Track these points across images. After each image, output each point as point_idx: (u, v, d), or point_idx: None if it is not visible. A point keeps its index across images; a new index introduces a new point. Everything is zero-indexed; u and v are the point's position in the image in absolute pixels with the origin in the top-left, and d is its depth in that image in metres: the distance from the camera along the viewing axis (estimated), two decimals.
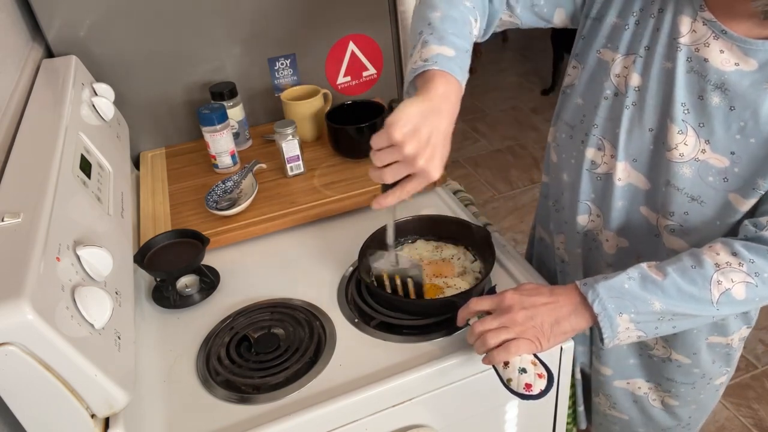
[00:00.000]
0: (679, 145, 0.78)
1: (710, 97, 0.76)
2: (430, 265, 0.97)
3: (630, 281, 0.73)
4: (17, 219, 0.69)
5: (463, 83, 0.75)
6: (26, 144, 0.86)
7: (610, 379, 1.05)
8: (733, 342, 0.94)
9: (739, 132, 0.74)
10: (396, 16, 1.46)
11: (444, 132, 0.71)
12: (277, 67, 1.41)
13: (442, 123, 0.70)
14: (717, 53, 0.75)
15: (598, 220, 0.92)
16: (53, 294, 0.64)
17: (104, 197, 0.93)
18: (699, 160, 0.77)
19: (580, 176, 0.90)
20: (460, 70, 0.75)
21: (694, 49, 0.77)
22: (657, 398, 1.04)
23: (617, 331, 0.73)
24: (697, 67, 0.76)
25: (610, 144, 0.85)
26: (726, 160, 0.76)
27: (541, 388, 0.74)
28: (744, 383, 1.92)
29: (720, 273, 0.72)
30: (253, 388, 0.82)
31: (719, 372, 0.98)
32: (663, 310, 0.72)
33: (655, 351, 0.98)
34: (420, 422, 0.86)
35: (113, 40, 1.25)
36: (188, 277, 0.99)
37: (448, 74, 0.72)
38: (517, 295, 0.77)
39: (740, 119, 0.74)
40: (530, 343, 0.74)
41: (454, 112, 0.73)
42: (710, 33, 0.75)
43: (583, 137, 0.88)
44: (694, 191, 0.79)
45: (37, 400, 0.65)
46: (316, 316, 0.91)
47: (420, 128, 0.68)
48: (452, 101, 0.73)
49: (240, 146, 1.36)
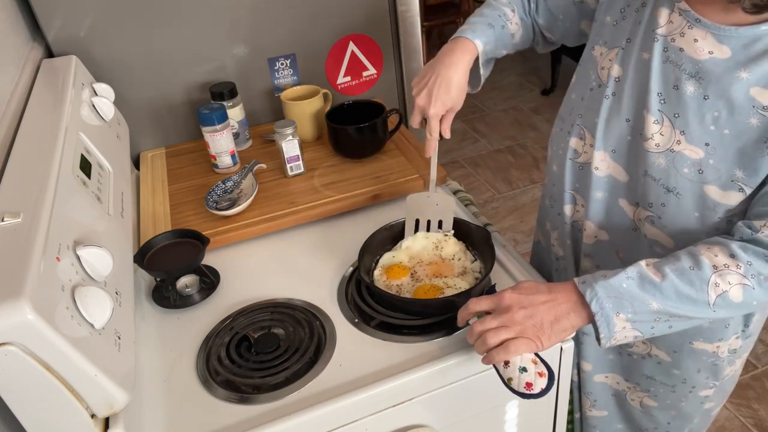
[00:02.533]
0: (655, 135, 0.79)
1: (685, 86, 0.77)
2: (430, 266, 0.97)
3: (628, 281, 0.73)
4: (17, 219, 0.69)
5: (475, 40, 0.94)
6: (26, 144, 0.86)
7: (590, 374, 1.05)
8: (720, 351, 0.92)
9: (714, 123, 0.75)
10: (396, 16, 1.46)
11: (444, 76, 0.92)
12: (277, 67, 1.41)
13: (443, 69, 0.93)
14: (692, 42, 0.76)
15: (582, 210, 0.94)
16: (53, 294, 0.64)
17: (104, 197, 0.93)
18: (674, 150, 0.78)
19: (564, 166, 0.93)
20: (472, 33, 0.94)
21: (671, 39, 0.78)
22: (636, 399, 1.03)
23: (614, 331, 0.73)
24: (673, 57, 0.78)
25: (590, 133, 0.87)
26: (701, 152, 0.76)
27: (542, 386, 0.73)
28: (744, 383, 1.92)
29: (718, 275, 0.71)
30: (253, 388, 0.82)
31: (704, 384, 0.97)
32: (660, 310, 0.72)
33: (635, 348, 0.98)
34: (420, 422, 0.86)
35: (113, 40, 1.25)
36: (188, 277, 0.99)
37: (457, 37, 0.95)
38: (515, 294, 0.77)
39: (714, 109, 0.75)
40: (530, 341, 0.74)
41: (458, 62, 0.93)
42: (685, 22, 0.77)
43: (569, 128, 0.91)
44: (670, 182, 0.79)
45: (37, 400, 0.65)
46: (316, 316, 0.91)
47: (425, 75, 0.95)
48: (456, 52, 0.94)
49: (240, 146, 1.36)
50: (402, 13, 1.46)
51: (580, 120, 0.89)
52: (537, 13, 1.01)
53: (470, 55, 0.94)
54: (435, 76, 0.93)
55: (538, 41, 1.06)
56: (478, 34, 0.95)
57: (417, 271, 0.97)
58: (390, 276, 0.95)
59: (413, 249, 1.00)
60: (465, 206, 1.16)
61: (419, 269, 0.97)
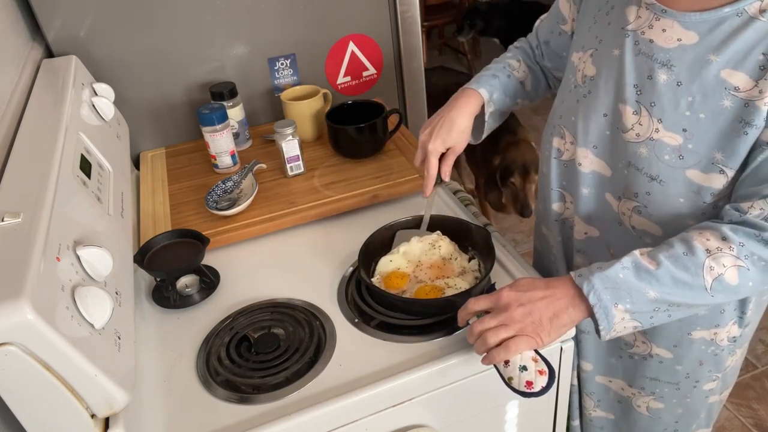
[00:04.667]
0: (634, 126, 0.81)
1: (658, 75, 0.79)
2: (431, 269, 0.97)
3: (624, 271, 0.73)
4: (17, 219, 0.69)
5: (479, 89, 1.00)
6: (26, 144, 0.86)
7: (591, 374, 1.05)
8: (718, 338, 0.92)
9: (689, 108, 0.76)
10: (396, 16, 1.46)
11: (448, 117, 0.99)
12: (277, 67, 1.41)
13: (448, 112, 0.99)
14: (660, 32, 0.78)
15: (572, 207, 0.96)
16: (53, 294, 0.64)
17: (104, 197, 0.93)
18: (653, 139, 0.80)
19: (550, 165, 0.96)
20: (477, 84, 1.01)
21: (640, 32, 0.81)
22: (642, 404, 1.03)
23: (613, 322, 0.73)
24: (644, 49, 0.80)
25: (569, 132, 0.91)
26: (679, 138, 0.78)
27: (542, 384, 0.73)
28: (744, 383, 1.92)
29: (711, 258, 0.72)
30: (253, 388, 0.82)
31: (707, 376, 0.97)
32: (658, 299, 0.72)
33: (636, 349, 0.98)
34: (420, 422, 0.86)
35: (113, 40, 1.25)
36: (188, 277, 0.99)
37: (464, 89, 1.02)
38: (513, 292, 0.77)
39: (688, 94, 0.76)
40: (530, 339, 0.74)
41: (462, 106, 0.99)
42: (653, 15, 0.79)
43: (552, 129, 0.95)
44: (652, 170, 0.80)
45: (37, 400, 0.65)
46: (316, 316, 0.91)
47: (432, 118, 1.01)
48: (461, 99, 1.00)
49: (240, 146, 1.36)
50: (402, 13, 1.46)
51: (559, 120, 0.93)
52: (543, 57, 1.06)
53: (475, 101, 1.00)
54: (440, 118, 0.99)
55: (553, 83, 1.10)
56: (482, 84, 1.01)
57: (418, 275, 0.96)
58: (389, 285, 0.94)
59: (411, 253, 1.00)
60: (465, 206, 1.16)
61: (420, 273, 0.97)
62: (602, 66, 0.86)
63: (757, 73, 0.72)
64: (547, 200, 1.00)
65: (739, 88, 0.73)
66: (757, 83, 0.72)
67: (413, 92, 1.59)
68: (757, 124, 0.72)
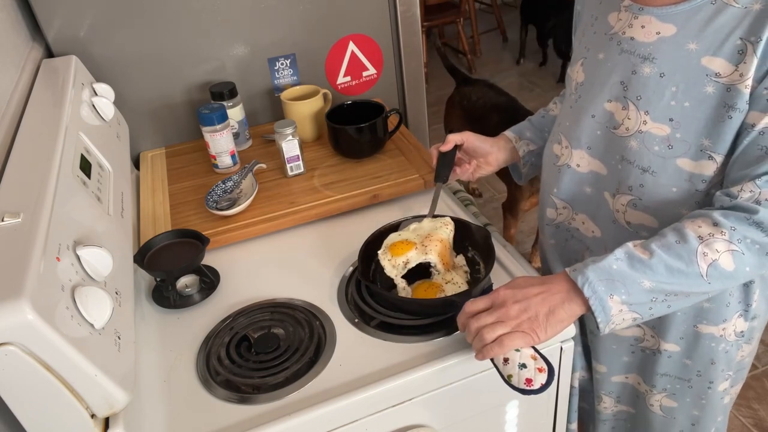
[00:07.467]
0: (624, 120, 0.84)
1: (641, 69, 0.81)
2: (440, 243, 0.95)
3: (618, 262, 0.74)
4: (17, 219, 0.69)
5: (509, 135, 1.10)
6: (26, 144, 0.86)
7: (606, 376, 1.05)
8: (726, 334, 0.92)
9: (673, 98, 0.78)
10: (396, 16, 1.46)
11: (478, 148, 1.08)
12: (277, 67, 1.41)
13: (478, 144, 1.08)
14: (639, 29, 0.82)
15: (565, 212, 0.97)
16: (53, 294, 0.64)
17: (104, 197, 0.93)
18: (642, 131, 0.82)
19: (548, 171, 0.99)
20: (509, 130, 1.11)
21: (621, 33, 0.85)
22: (655, 403, 1.03)
23: (610, 314, 0.73)
24: (627, 47, 0.83)
25: (565, 137, 0.94)
26: (666, 128, 0.79)
27: (541, 382, 0.73)
28: (744, 383, 1.92)
29: (704, 245, 0.72)
30: (253, 388, 0.82)
31: (721, 376, 0.97)
32: (654, 288, 0.73)
33: (646, 342, 0.98)
34: (420, 422, 0.86)
35: (113, 40, 1.25)
36: (188, 277, 0.99)
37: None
38: (509, 290, 0.77)
39: (672, 84, 0.78)
40: (525, 335, 0.74)
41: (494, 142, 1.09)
42: (631, 15, 0.83)
43: (552, 137, 0.99)
44: (643, 162, 0.82)
45: (37, 400, 0.65)
46: (316, 316, 0.91)
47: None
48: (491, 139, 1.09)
49: (240, 146, 1.36)
50: (402, 13, 1.46)
51: (557, 128, 0.97)
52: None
53: (504, 138, 1.09)
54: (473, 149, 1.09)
55: None
56: (512, 128, 1.11)
57: (426, 244, 0.94)
58: (394, 253, 0.93)
59: (421, 228, 0.98)
60: (465, 206, 1.16)
61: (427, 242, 0.95)
62: (590, 71, 0.90)
63: (735, 58, 0.73)
64: (543, 205, 1.02)
65: (720, 74, 0.75)
66: (737, 67, 0.73)
67: (413, 92, 1.59)
68: (741, 107, 0.74)
